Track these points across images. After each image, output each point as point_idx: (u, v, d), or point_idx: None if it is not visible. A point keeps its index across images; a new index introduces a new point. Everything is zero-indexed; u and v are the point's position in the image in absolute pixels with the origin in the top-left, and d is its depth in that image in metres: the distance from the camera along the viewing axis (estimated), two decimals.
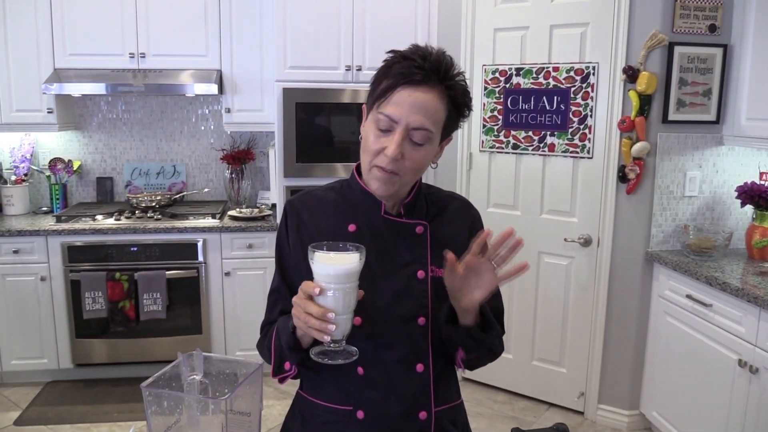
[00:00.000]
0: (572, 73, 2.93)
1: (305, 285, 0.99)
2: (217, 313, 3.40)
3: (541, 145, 3.07)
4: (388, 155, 1.07)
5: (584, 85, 2.90)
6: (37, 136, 3.69)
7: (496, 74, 3.15)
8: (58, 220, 3.33)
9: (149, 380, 1.02)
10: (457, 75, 1.10)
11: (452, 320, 1.13)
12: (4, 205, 3.57)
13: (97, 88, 3.30)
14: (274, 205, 3.64)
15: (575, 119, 2.95)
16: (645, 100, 2.76)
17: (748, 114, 2.70)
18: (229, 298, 3.39)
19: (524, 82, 3.07)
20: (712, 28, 2.75)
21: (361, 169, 1.17)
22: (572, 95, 2.94)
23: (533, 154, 3.11)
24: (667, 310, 2.78)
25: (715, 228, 2.81)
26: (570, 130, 2.97)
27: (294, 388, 1.27)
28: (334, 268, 0.97)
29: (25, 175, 3.61)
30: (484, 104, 3.21)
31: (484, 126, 3.23)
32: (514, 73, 3.10)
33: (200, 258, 3.32)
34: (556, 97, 2.99)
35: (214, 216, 3.43)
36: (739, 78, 2.73)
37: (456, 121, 1.15)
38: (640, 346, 2.98)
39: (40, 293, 3.24)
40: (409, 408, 1.16)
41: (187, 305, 3.35)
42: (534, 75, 3.04)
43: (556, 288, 3.14)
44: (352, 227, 1.17)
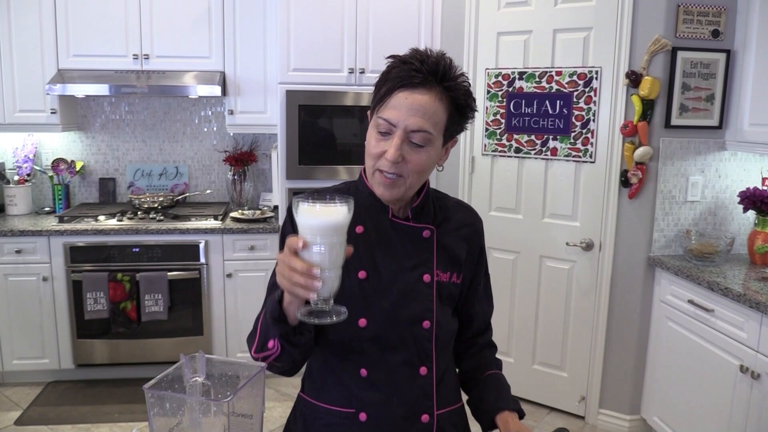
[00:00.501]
0: (575, 78, 2.93)
1: (290, 239, 0.93)
2: (218, 315, 3.40)
3: (544, 149, 3.07)
4: (388, 158, 1.07)
5: (587, 90, 2.91)
6: (40, 136, 3.70)
7: (499, 78, 3.15)
8: (61, 220, 3.33)
9: (152, 382, 1.02)
10: (458, 76, 1.10)
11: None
12: (7, 205, 3.58)
13: (101, 89, 3.30)
14: (276, 207, 3.65)
15: (578, 123, 2.95)
16: (648, 105, 2.76)
17: (751, 119, 2.70)
18: (231, 300, 3.39)
19: (527, 86, 3.07)
20: (715, 34, 2.75)
21: (366, 174, 1.17)
22: (575, 99, 2.94)
23: (536, 158, 3.11)
24: (669, 315, 2.77)
25: (717, 233, 2.81)
26: (572, 134, 2.98)
27: (296, 390, 1.28)
28: (320, 221, 0.91)
29: (28, 175, 3.62)
30: (486, 108, 3.21)
31: (486, 129, 3.23)
32: (517, 76, 3.10)
33: (202, 259, 3.32)
34: (558, 101, 2.99)
35: (216, 217, 3.44)
36: (742, 83, 2.73)
37: (459, 123, 1.15)
38: (641, 350, 2.97)
39: (41, 293, 3.24)
40: (411, 411, 1.17)
41: (188, 306, 3.35)
42: (537, 79, 3.04)
43: (557, 292, 3.14)
44: (359, 228, 1.17)
